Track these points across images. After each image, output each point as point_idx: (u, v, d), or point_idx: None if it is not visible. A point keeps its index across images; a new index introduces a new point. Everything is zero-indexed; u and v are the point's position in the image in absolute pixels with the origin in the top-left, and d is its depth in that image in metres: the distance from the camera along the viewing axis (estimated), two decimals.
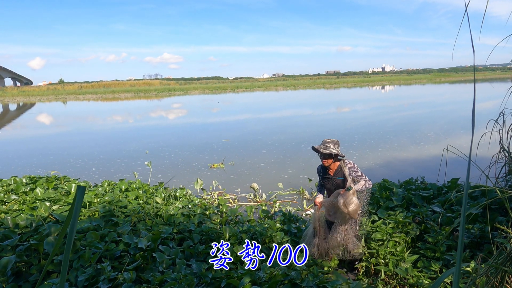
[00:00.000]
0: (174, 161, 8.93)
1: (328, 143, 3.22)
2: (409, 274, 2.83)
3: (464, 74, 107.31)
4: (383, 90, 49.23)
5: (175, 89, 66.16)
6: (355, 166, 3.26)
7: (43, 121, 22.90)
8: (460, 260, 0.43)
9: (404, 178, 5.36)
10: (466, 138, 10.55)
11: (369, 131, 12.68)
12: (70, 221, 0.35)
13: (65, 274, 0.39)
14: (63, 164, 9.05)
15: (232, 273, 2.60)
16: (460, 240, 0.48)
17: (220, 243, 2.77)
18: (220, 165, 7.98)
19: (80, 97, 53.27)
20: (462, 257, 2.86)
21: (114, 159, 9.44)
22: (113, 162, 9.10)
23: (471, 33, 0.75)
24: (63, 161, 9.48)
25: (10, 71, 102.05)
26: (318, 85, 72.10)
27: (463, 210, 0.50)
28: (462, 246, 0.46)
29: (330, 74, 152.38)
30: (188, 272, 2.65)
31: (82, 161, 9.36)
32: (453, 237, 3.22)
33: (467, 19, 0.77)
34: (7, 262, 2.60)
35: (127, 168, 8.34)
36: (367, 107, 23.64)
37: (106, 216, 3.87)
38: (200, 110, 26.73)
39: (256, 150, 10.11)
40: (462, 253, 0.45)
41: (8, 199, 4.44)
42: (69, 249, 0.36)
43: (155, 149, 10.68)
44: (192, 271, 2.70)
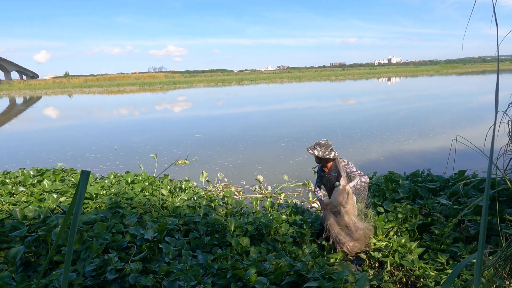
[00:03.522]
0: (144, 156, 8.83)
1: (318, 146, 3.38)
2: (416, 266, 2.82)
3: (472, 66, 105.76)
4: (389, 82, 48.74)
5: (179, 82, 66.14)
6: (349, 164, 3.43)
7: (49, 114, 23.07)
8: (482, 249, 0.42)
9: (410, 170, 5.32)
10: (471, 130, 10.43)
11: (374, 124, 12.59)
12: (74, 207, 0.34)
13: (70, 260, 0.39)
14: (70, 157, 9.13)
15: (238, 264, 2.61)
16: (482, 227, 0.47)
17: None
18: (185, 161, 7.95)
19: (85, 90, 53.48)
20: (469, 249, 2.84)
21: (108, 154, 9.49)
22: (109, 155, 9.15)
23: (497, 23, 0.72)
24: (72, 153, 9.55)
25: (16, 65, 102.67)
26: (323, 77, 71.57)
27: (485, 197, 0.48)
28: (484, 235, 0.44)
29: (335, 66, 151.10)
30: (194, 263, 2.67)
31: (88, 153, 9.43)
32: (460, 229, 3.20)
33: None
34: (16, 253, 2.63)
35: (127, 161, 8.38)
36: (372, 99, 23.44)
37: (112, 207, 3.90)
38: (205, 103, 26.71)
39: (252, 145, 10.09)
40: (484, 242, 0.44)
41: (16, 191, 4.49)
42: (74, 235, 0.35)
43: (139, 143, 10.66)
44: (198, 262, 2.72)
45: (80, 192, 0.37)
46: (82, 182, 0.37)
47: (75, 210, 0.35)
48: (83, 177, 0.37)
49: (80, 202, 0.35)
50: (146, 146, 10.16)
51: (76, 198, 0.36)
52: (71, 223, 0.35)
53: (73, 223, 0.35)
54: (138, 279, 2.41)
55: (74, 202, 0.36)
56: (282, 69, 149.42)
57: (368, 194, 3.57)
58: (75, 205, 0.35)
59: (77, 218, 0.35)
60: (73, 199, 0.37)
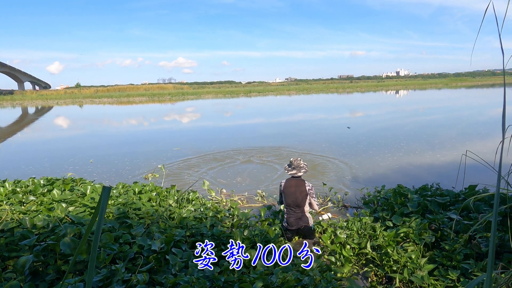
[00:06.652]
0: (120, 168, 8.87)
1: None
2: (425, 283, 2.77)
3: (481, 79, 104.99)
4: (397, 94, 48.59)
5: (188, 93, 66.91)
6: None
7: (60, 124, 23.45)
8: (492, 268, 0.42)
9: (419, 184, 5.27)
10: (481, 144, 10.30)
11: (382, 136, 12.52)
12: (95, 222, 0.36)
13: (93, 274, 0.40)
14: (79, 166, 9.23)
15: (244, 277, 2.60)
16: (491, 247, 0.47)
17: (205, 243, 2.80)
18: (155, 175, 7.96)
19: (96, 100, 54.37)
20: (481, 266, 2.78)
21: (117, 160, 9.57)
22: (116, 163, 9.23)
23: (500, 36, 0.74)
24: (80, 163, 9.67)
25: (29, 75, 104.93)
26: (331, 89, 71.72)
27: (494, 213, 0.49)
28: (493, 254, 0.44)
29: (343, 78, 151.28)
30: (201, 275, 2.66)
31: (97, 163, 9.53)
32: (471, 245, 3.14)
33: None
34: (25, 262, 2.65)
35: (131, 171, 8.44)
36: (380, 112, 23.37)
37: (120, 218, 3.92)
38: (212, 114, 26.89)
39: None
40: (494, 260, 0.43)
41: (26, 200, 4.55)
42: (96, 248, 0.37)
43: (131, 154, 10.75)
44: (205, 274, 2.71)
45: (102, 207, 0.38)
46: (104, 198, 0.39)
47: (97, 225, 0.37)
48: (105, 193, 0.39)
49: (102, 217, 0.37)
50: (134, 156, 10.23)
51: (98, 213, 0.37)
52: (93, 236, 0.37)
53: (95, 237, 0.37)
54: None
55: (96, 216, 0.37)
56: (290, 81, 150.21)
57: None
58: (96, 219, 0.37)
59: (99, 232, 0.37)
60: (94, 214, 0.38)
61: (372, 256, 3.41)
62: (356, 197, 5.86)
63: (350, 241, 3.64)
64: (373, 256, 3.40)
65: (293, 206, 4.30)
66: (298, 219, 4.28)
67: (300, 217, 4.29)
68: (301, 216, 4.29)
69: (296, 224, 4.27)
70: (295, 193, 4.31)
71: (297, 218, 4.28)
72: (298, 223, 4.27)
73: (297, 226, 4.27)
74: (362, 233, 3.83)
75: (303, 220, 4.28)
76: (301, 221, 4.28)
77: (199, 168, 8.64)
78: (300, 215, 4.29)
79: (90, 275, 0.41)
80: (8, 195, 4.79)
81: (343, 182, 7.07)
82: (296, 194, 4.30)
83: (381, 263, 3.32)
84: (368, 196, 5.46)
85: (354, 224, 4.02)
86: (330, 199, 5.94)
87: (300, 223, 4.27)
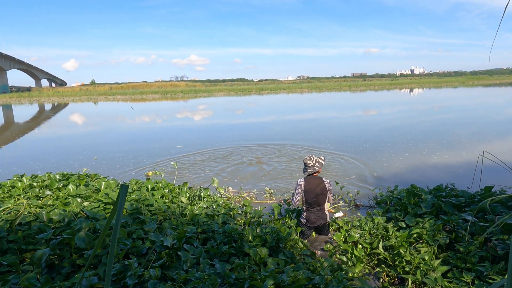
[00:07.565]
0: (124, 165, 8.91)
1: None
2: (439, 284, 2.73)
3: (499, 77, 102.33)
4: (412, 93, 47.79)
5: (200, 90, 67.30)
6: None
7: (74, 120, 23.91)
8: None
9: (433, 184, 5.17)
10: (499, 145, 10.05)
11: (395, 135, 12.35)
12: (113, 218, 0.37)
13: (111, 268, 0.41)
14: (85, 163, 9.40)
15: (255, 275, 2.61)
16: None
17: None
18: (156, 172, 8.00)
19: (110, 97, 55.23)
20: (497, 269, 2.72)
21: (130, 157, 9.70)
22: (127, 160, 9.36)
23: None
24: (85, 159, 9.84)
25: (46, 73, 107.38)
26: (343, 87, 71.03)
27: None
28: None
29: (356, 76, 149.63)
30: (212, 272, 2.68)
31: (110, 158, 9.69)
32: (487, 248, 3.07)
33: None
34: (41, 255, 2.73)
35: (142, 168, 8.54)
36: (394, 110, 23.03)
37: (133, 213, 3.98)
38: (224, 113, 26.98)
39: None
40: None
41: (43, 195, 4.66)
42: (115, 244, 0.38)
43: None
44: (216, 271, 2.73)
45: (120, 205, 0.39)
46: (122, 195, 0.39)
47: (116, 221, 0.38)
48: (123, 191, 0.40)
49: (120, 214, 0.38)
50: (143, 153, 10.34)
51: (116, 210, 0.38)
52: (112, 233, 0.38)
53: (113, 233, 0.38)
54: (157, 286, 2.44)
55: (114, 213, 0.38)
56: (302, 79, 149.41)
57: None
58: (114, 216, 0.38)
59: (117, 229, 0.38)
60: (112, 211, 0.39)
61: (384, 257, 3.38)
62: (369, 196, 5.80)
63: (362, 240, 3.62)
64: (385, 256, 3.37)
65: (315, 205, 4.38)
66: (318, 216, 4.37)
67: (320, 214, 4.38)
68: (321, 214, 4.38)
69: (316, 221, 4.36)
70: (316, 191, 4.38)
71: (317, 216, 4.37)
72: (318, 220, 4.36)
73: (317, 223, 4.36)
74: (374, 233, 3.80)
75: (323, 218, 4.37)
76: (321, 218, 4.37)
77: (207, 165, 8.69)
78: (320, 213, 4.38)
79: (109, 270, 0.41)
80: (25, 189, 4.92)
81: (357, 181, 7.00)
82: (316, 192, 4.37)
83: (393, 263, 3.29)
84: (380, 196, 5.40)
85: (367, 223, 3.99)
86: (342, 198, 5.91)
87: (320, 220, 4.36)
